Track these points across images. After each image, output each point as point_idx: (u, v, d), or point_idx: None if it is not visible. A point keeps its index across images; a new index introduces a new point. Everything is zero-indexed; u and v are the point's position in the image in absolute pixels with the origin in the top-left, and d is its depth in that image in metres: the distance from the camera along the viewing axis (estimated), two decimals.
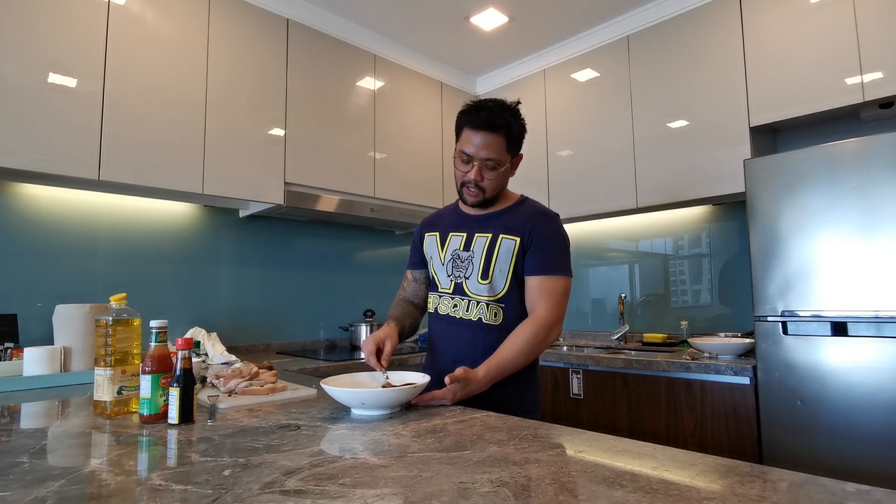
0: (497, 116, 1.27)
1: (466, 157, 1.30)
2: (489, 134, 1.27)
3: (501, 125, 1.27)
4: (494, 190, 1.34)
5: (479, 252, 1.34)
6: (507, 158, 1.32)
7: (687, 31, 2.46)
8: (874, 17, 1.94)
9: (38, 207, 2.02)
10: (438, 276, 1.42)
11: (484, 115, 1.27)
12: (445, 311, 1.39)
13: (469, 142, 1.29)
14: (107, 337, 1.10)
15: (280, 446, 0.86)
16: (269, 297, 2.68)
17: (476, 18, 2.69)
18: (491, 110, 1.27)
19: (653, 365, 2.12)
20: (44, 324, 1.91)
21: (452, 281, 1.37)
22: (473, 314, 1.33)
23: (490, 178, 1.30)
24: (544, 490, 0.65)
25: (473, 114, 1.28)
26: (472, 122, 1.28)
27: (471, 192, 1.33)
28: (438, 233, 1.44)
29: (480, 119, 1.27)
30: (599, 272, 3.09)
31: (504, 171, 1.32)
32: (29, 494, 0.65)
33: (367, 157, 2.76)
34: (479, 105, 1.30)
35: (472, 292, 1.34)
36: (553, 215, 1.38)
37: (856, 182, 1.70)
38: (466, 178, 1.32)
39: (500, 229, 1.34)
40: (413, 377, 1.20)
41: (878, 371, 1.63)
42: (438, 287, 1.41)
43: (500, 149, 1.29)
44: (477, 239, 1.36)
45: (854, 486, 0.63)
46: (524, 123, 1.35)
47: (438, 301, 1.41)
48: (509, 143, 1.30)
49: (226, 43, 2.25)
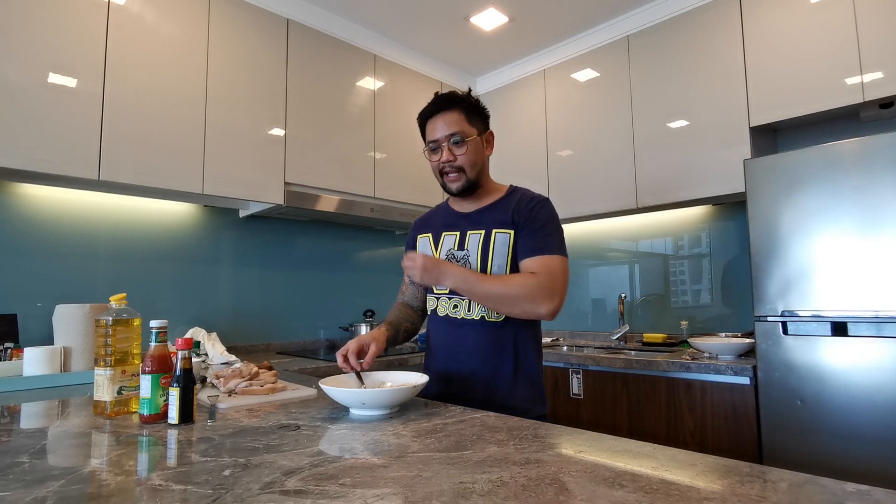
0: (448, 96, 1.32)
1: (434, 145, 1.33)
2: (444, 113, 1.31)
3: (455, 101, 1.31)
4: (473, 167, 1.32)
5: (474, 250, 1.32)
6: (473, 131, 1.32)
7: (687, 31, 2.46)
8: (874, 17, 1.94)
9: (38, 207, 2.02)
10: None
11: (436, 100, 1.33)
12: (445, 311, 1.37)
13: (432, 129, 1.33)
14: (107, 337, 1.10)
15: (280, 446, 0.86)
16: (269, 297, 2.68)
17: (476, 18, 2.69)
18: (442, 96, 1.34)
19: (653, 365, 2.12)
20: (44, 324, 1.91)
21: None
22: (476, 313, 1.32)
23: (461, 152, 1.30)
24: (544, 490, 0.65)
25: (427, 106, 1.35)
26: (427, 112, 1.34)
27: (451, 177, 1.32)
28: (431, 233, 1.43)
29: (434, 104, 1.33)
30: (599, 272, 3.09)
31: (473, 143, 1.31)
32: (29, 494, 0.65)
33: (367, 157, 2.76)
34: (433, 98, 1.35)
35: None
36: (543, 199, 1.35)
37: (855, 182, 1.70)
38: (441, 165, 1.32)
39: (492, 224, 1.32)
40: (412, 377, 1.21)
41: (878, 371, 1.63)
42: (435, 288, 1.40)
43: (460, 121, 1.30)
44: (470, 237, 1.34)
45: (854, 486, 0.63)
46: (481, 103, 1.37)
47: (437, 302, 1.40)
48: (468, 114, 1.32)
49: (226, 43, 2.25)
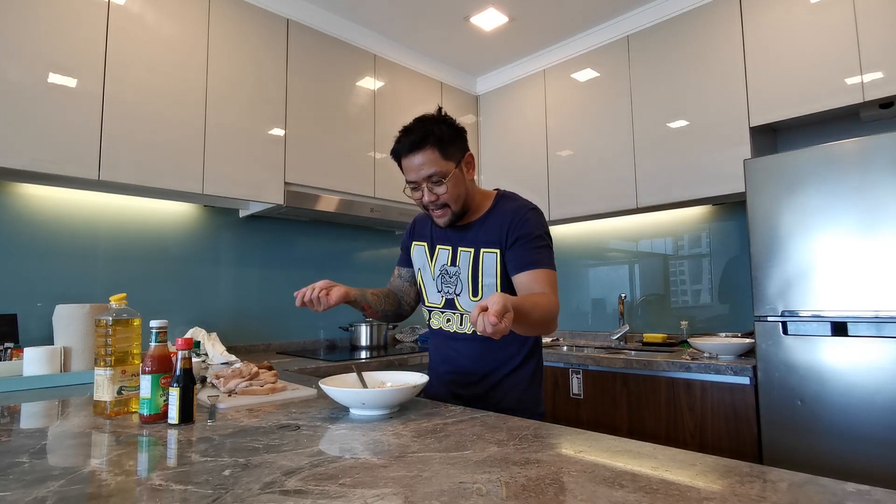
0: (417, 133, 1.25)
1: (413, 184, 1.29)
2: (417, 153, 1.25)
3: (426, 138, 1.24)
4: (458, 200, 1.29)
5: (465, 268, 1.32)
6: (450, 166, 1.26)
7: (687, 31, 2.46)
8: (874, 17, 1.93)
9: (38, 207, 2.02)
10: (427, 289, 1.41)
11: (405, 140, 1.26)
12: (438, 324, 1.40)
13: (409, 169, 1.28)
14: (107, 337, 1.10)
15: (280, 446, 0.86)
16: (269, 297, 2.68)
17: (476, 18, 2.69)
18: (411, 131, 1.26)
19: (653, 365, 2.12)
20: (44, 324, 1.91)
21: (443, 297, 1.37)
22: (468, 327, 1.33)
23: (441, 192, 1.26)
24: (544, 490, 0.65)
25: (398, 144, 1.28)
26: (400, 151, 1.28)
27: (437, 213, 1.30)
28: (426, 243, 1.42)
29: (404, 145, 1.26)
30: (599, 272, 3.09)
31: (453, 178, 1.27)
32: (29, 494, 0.65)
33: (367, 157, 2.76)
34: (403, 131, 1.28)
35: (464, 308, 1.33)
36: (528, 208, 1.32)
37: (856, 182, 1.70)
38: (424, 203, 1.29)
39: (480, 243, 1.31)
40: (412, 377, 1.21)
41: (878, 371, 1.63)
42: (426, 301, 1.41)
43: (435, 161, 1.24)
44: (461, 254, 1.34)
45: (854, 486, 0.63)
46: (454, 124, 1.30)
47: (430, 315, 1.42)
48: (442, 150, 1.25)
49: (226, 43, 2.25)
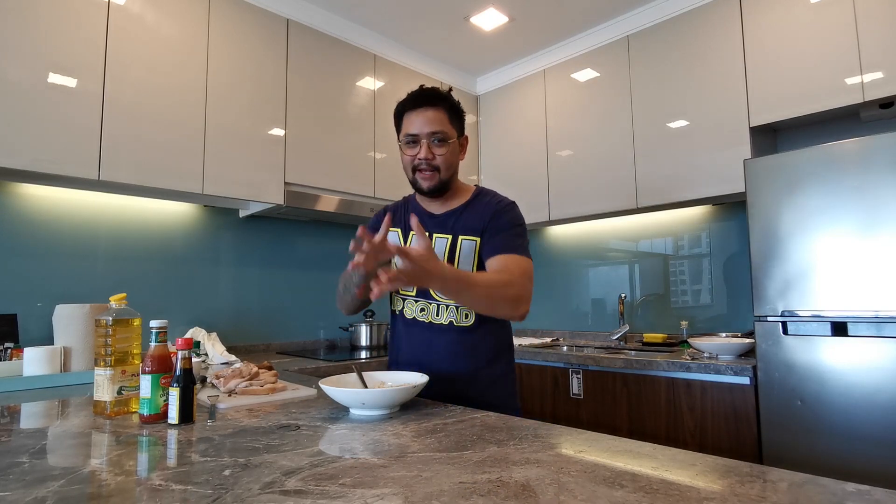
0: (433, 92, 1.29)
1: (412, 138, 1.28)
2: (429, 109, 1.27)
3: (441, 98, 1.28)
4: (448, 169, 1.30)
5: (440, 254, 1.29)
6: (454, 133, 1.30)
7: (687, 31, 2.46)
8: (874, 17, 1.93)
9: (38, 207, 2.02)
10: None
11: (420, 94, 1.29)
12: (412, 314, 1.35)
13: (412, 123, 1.28)
14: (107, 337, 1.10)
15: (280, 446, 0.86)
16: (269, 297, 2.68)
17: (476, 18, 2.69)
18: (424, 90, 1.30)
19: (653, 365, 2.12)
20: (44, 324, 1.91)
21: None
22: (444, 318, 1.30)
23: (441, 153, 1.27)
24: (544, 490, 0.65)
25: (410, 98, 1.30)
26: (412, 104, 1.29)
27: (425, 174, 1.28)
28: (399, 229, 1.40)
29: (417, 98, 1.28)
30: (599, 272, 3.09)
31: (453, 146, 1.30)
32: (29, 494, 0.65)
33: (367, 157, 2.76)
34: (413, 92, 1.31)
35: (439, 296, 1.30)
36: (508, 202, 1.34)
37: (856, 182, 1.70)
38: (417, 160, 1.28)
39: (458, 231, 1.31)
40: (412, 377, 1.20)
41: (878, 371, 1.63)
42: (400, 289, 1.35)
43: (444, 122, 1.27)
44: (437, 241, 1.32)
45: (854, 486, 0.63)
46: (461, 104, 1.34)
47: (403, 304, 1.37)
48: (451, 116, 1.29)
49: (226, 43, 2.25)
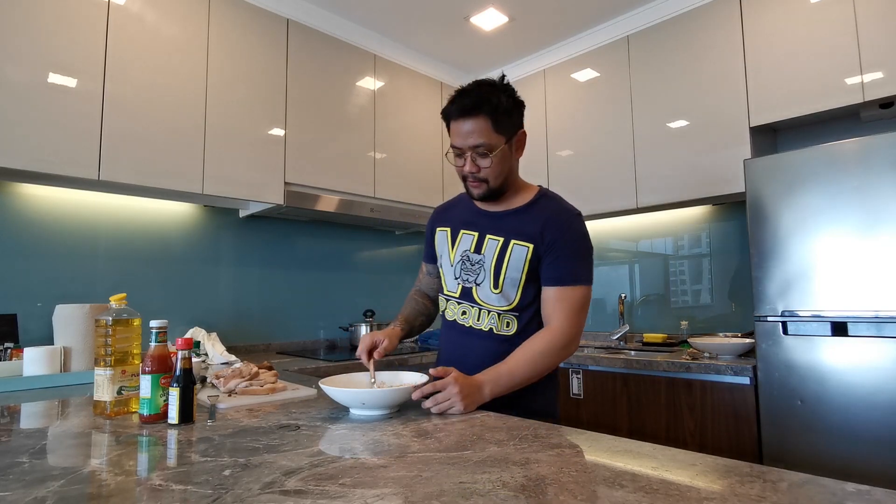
0: (473, 98, 1.17)
1: (457, 150, 1.21)
2: (468, 119, 1.17)
3: (481, 105, 1.16)
4: (498, 178, 1.22)
5: (489, 257, 1.24)
6: (500, 140, 1.19)
7: (687, 31, 2.46)
8: (874, 17, 1.93)
9: (38, 207, 2.02)
10: (446, 276, 1.33)
11: (459, 102, 1.18)
12: (452, 316, 1.31)
13: (456, 134, 1.20)
14: (107, 337, 1.10)
15: (280, 446, 0.86)
16: (269, 297, 2.68)
17: (476, 18, 2.69)
18: (468, 94, 1.18)
19: (653, 365, 2.12)
20: (44, 324, 1.91)
21: (460, 284, 1.28)
22: (485, 324, 1.25)
23: (485, 165, 1.19)
24: (544, 490, 0.65)
25: (452, 104, 1.20)
26: (453, 113, 1.20)
27: (473, 184, 1.24)
28: (450, 228, 1.35)
29: (456, 107, 1.19)
30: (599, 272, 3.09)
31: (500, 154, 1.19)
32: (29, 494, 0.65)
33: (367, 157, 2.76)
34: (459, 92, 1.21)
35: (482, 300, 1.25)
36: (573, 214, 1.26)
37: (856, 182, 1.70)
38: (463, 173, 1.23)
39: (512, 234, 1.24)
40: (412, 377, 1.20)
41: (878, 371, 1.63)
42: (444, 289, 1.33)
43: (485, 132, 1.17)
44: (488, 242, 1.26)
45: (854, 486, 0.63)
46: (515, 95, 1.22)
47: (446, 304, 1.33)
48: (496, 122, 1.17)
49: (226, 43, 2.25)
